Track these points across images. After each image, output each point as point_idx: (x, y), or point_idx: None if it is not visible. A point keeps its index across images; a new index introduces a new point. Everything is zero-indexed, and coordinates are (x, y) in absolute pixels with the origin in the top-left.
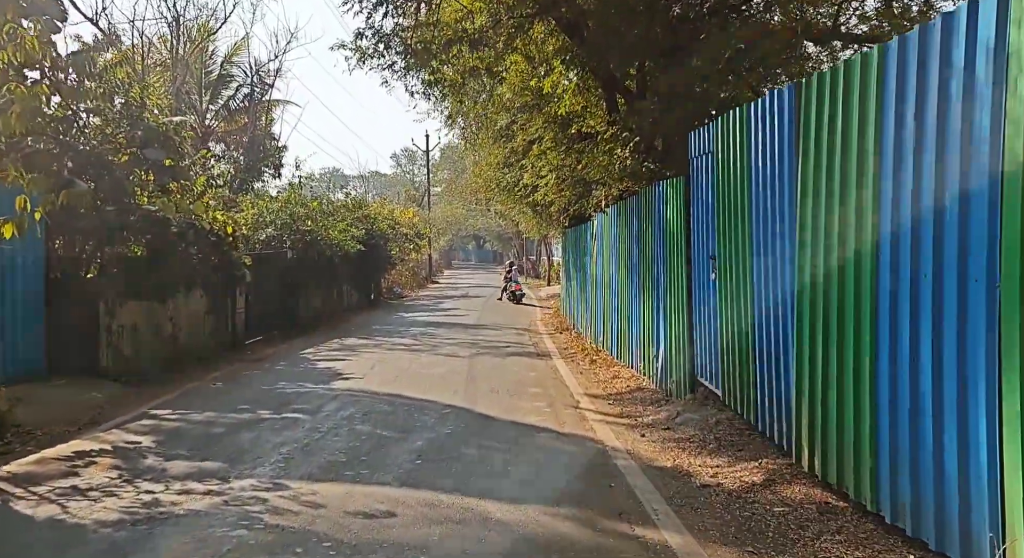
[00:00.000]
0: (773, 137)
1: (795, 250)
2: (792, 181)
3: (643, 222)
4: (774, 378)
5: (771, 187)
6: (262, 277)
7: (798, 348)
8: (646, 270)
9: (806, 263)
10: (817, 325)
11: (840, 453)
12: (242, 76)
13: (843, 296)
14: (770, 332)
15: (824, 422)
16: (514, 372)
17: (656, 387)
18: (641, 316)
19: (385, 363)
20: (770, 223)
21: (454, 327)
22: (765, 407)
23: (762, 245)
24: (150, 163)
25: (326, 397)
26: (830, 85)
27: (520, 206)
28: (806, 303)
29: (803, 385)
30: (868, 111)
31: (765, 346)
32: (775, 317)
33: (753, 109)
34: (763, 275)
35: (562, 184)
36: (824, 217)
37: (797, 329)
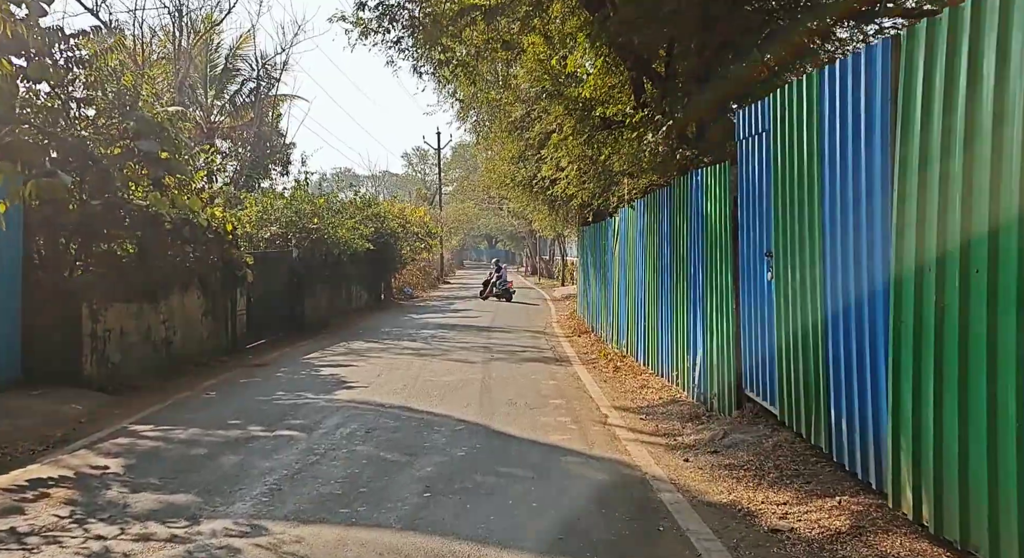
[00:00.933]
0: (856, 105)
1: (891, 236)
2: (886, 155)
3: (676, 216)
4: (856, 396)
5: (853, 165)
6: (265, 277)
7: (894, 360)
8: (679, 270)
9: (907, 250)
10: (925, 330)
11: (964, 504)
12: (248, 70)
13: (968, 290)
14: (850, 339)
15: (938, 459)
16: (532, 380)
17: (693, 400)
18: (673, 320)
19: (393, 370)
20: (851, 208)
21: (467, 330)
22: (842, 431)
23: (839, 235)
24: (144, 156)
25: (326, 410)
26: (949, 31)
27: (535, 203)
28: (907, 302)
29: (903, 407)
30: (1011, 50)
31: (843, 356)
32: (858, 321)
33: (826, 76)
34: (841, 271)
35: (584, 176)
36: (937, 193)
37: (894, 335)
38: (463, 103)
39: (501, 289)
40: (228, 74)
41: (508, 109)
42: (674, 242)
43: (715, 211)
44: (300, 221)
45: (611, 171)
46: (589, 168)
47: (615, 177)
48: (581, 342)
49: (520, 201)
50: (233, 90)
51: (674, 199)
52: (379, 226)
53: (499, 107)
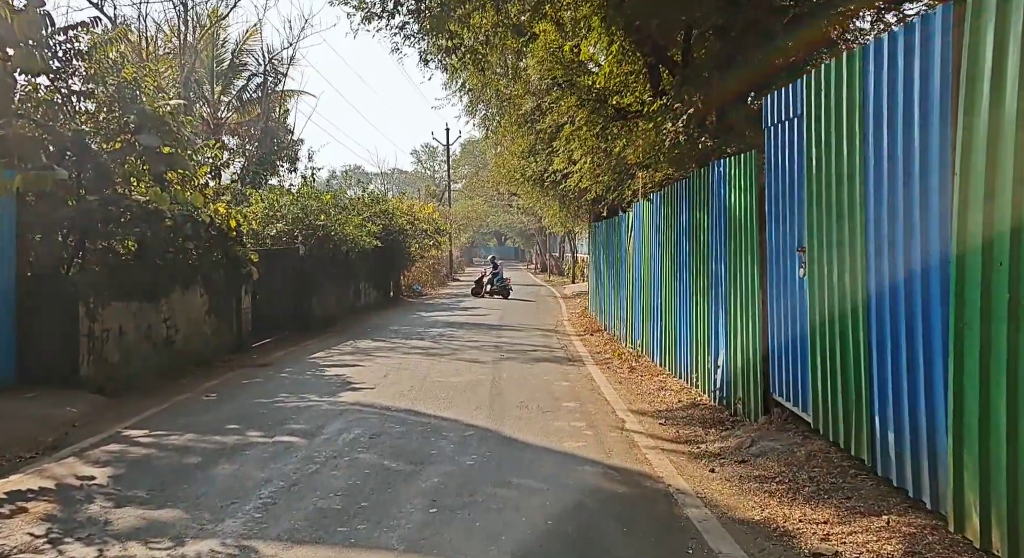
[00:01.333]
0: (909, 82)
1: (950, 225)
2: (945, 131)
3: (696, 210)
4: (906, 404)
5: (904, 146)
6: (271, 274)
7: (956, 365)
8: (699, 266)
9: (971, 240)
10: (996, 331)
11: None
12: (254, 65)
13: None
14: (899, 341)
15: (1012, 480)
16: (544, 381)
17: (715, 403)
18: (693, 319)
19: (400, 370)
20: (901, 193)
21: (476, 328)
22: (888, 442)
23: (886, 223)
24: (145, 150)
25: (330, 414)
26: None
27: (545, 198)
28: (972, 300)
29: (968, 419)
30: None
31: (890, 360)
32: (909, 320)
33: (871, 53)
34: (888, 263)
35: (598, 169)
36: (1012, 169)
37: (956, 338)
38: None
39: (499, 286)
40: (234, 69)
41: (518, 102)
42: (693, 237)
43: (740, 203)
44: (307, 218)
45: (626, 163)
46: (603, 161)
47: (630, 169)
48: (594, 341)
49: (530, 197)
50: (240, 85)
51: (694, 191)
52: (387, 223)
53: (509, 100)
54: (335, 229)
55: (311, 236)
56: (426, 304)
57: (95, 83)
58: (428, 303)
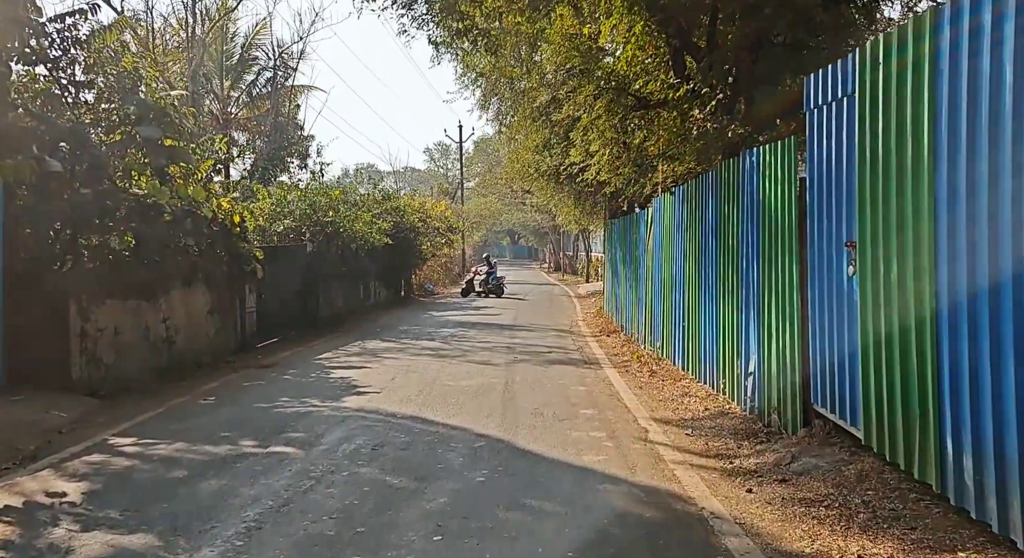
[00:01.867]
0: (997, 40)
1: None
2: None
3: (724, 204)
4: (990, 424)
5: (992, 135)
6: (278, 272)
7: None
8: (728, 264)
9: None
10: None
11: None
12: (264, 59)
13: None
14: (979, 348)
15: None
16: (560, 386)
17: (746, 412)
18: (720, 321)
19: (409, 372)
20: (984, 191)
21: (488, 328)
22: (964, 468)
23: (963, 212)
24: (145, 143)
25: (331, 421)
26: None
27: (560, 195)
28: None
29: None
30: None
31: (967, 371)
32: (995, 323)
33: (947, 15)
34: (965, 256)
35: (617, 161)
36: None
37: None
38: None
39: (494, 284)
40: (244, 64)
41: (532, 95)
42: (721, 233)
43: (776, 196)
44: (315, 214)
45: (646, 155)
46: (622, 153)
47: (651, 162)
48: (610, 342)
49: (544, 193)
50: (249, 80)
51: (722, 184)
52: (398, 220)
53: (523, 94)
54: (344, 226)
55: (319, 233)
56: (438, 303)
57: (95, 73)
58: (440, 302)
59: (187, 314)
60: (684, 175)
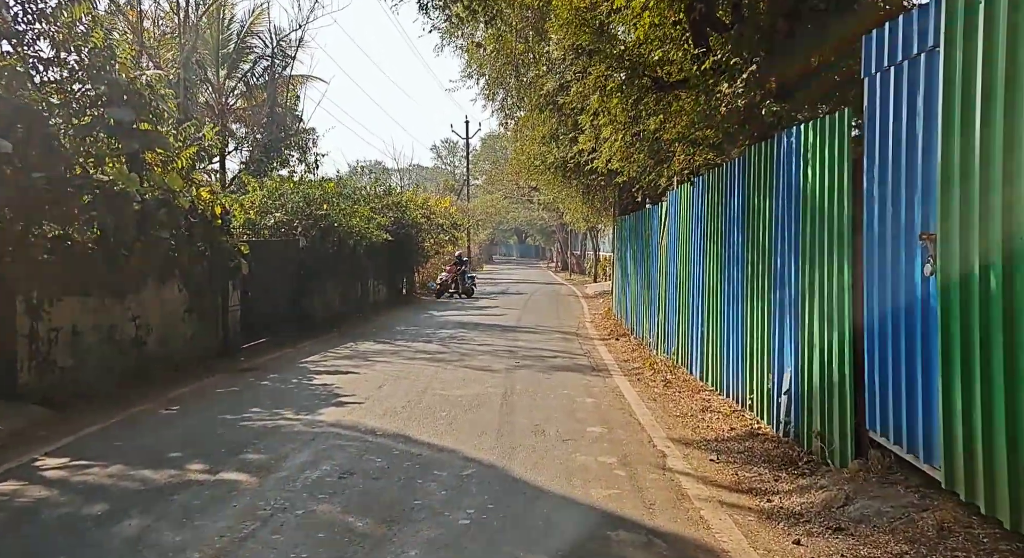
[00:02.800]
0: None
1: None
2: None
3: (754, 194)
4: None
5: None
6: (267, 269)
7: None
8: (758, 262)
9: None
10: None
11: None
12: (261, 47)
13: None
14: None
15: None
16: (565, 397)
17: (779, 434)
18: (747, 327)
19: (399, 379)
20: None
21: (490, 329)
22: None
23: None
24: (117, 126)
25: (300, 439)
26: None
27: (568, 189)
28: None
29: None
30: None
31: None
32: None
33: None
34: None
35: (631, 147)
36: None
37: None
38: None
39: (469, 284)
40: (240, 52)
41: (539, 83)
42: (750, 227)
43: (822, 181)
44: (308, 207)
45: (663, 142)
46: (636, 139)
47: (668, 149)
48: (620, 347)
49: (551, 188)
50: (246, 69)
51: (751, 171)
52: (400, 216)
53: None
54: (340, 221)
55: (312, 227)
56: (439, 302)
57: (65, 49)
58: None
59: (161, 313)
60: (702, 166)
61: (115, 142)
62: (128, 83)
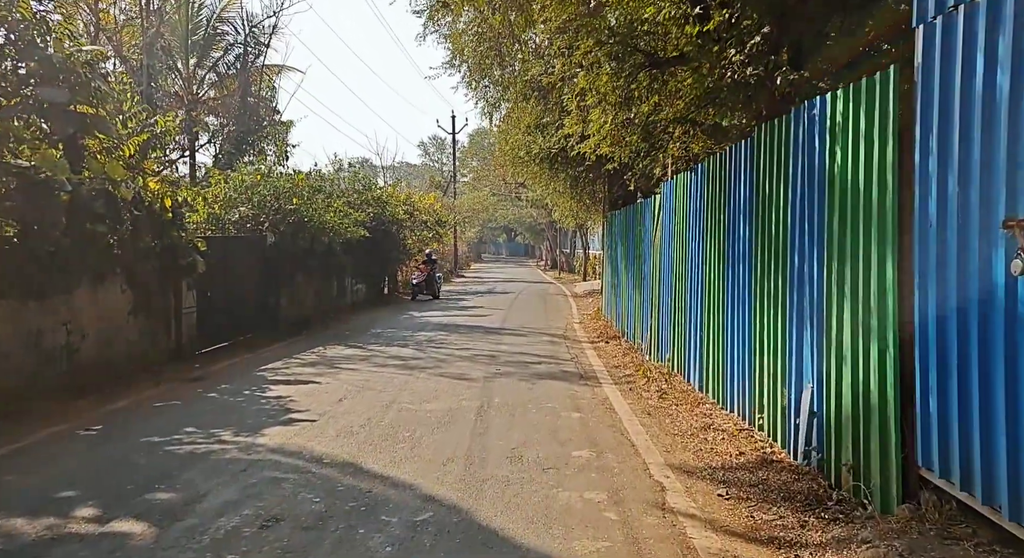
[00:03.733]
0: None
1: None
2: None
3: (765, 179)
4: None
5: None
6: (231, 266)
7: None
8: (770, 258)
9: None
10: None
11: None
12: (233, 34)
13: None
14: None
15: None
16: (548, 412)
17: (798, 461)
18: (755, 333)
19: (363, 391)
20: None
21: (472, 331)
22: None
23: None
24: (49, 108)
25: (229, 470)
26: None
27: (555, 183)
28: None
29: None
30: None
31: None
32: None
33: None
34: None
35: (622, 130)
36: None
37: None
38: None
39: (439, 285)
40: (211, 39)
41: (524, 68)
42: (760, 219)
43: (855, 160)
44: (276, 201)
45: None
46: (627, 123)
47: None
48: (610, 351)
49: (538, 181)
50: (216, 57)
51: (762, 154)
52: (380, 211)
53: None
54: (311, 215)
55: (281, 222)
56: (421, 302)
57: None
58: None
59: (99, 316)
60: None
61: (46, 125)
62: (64, 60)
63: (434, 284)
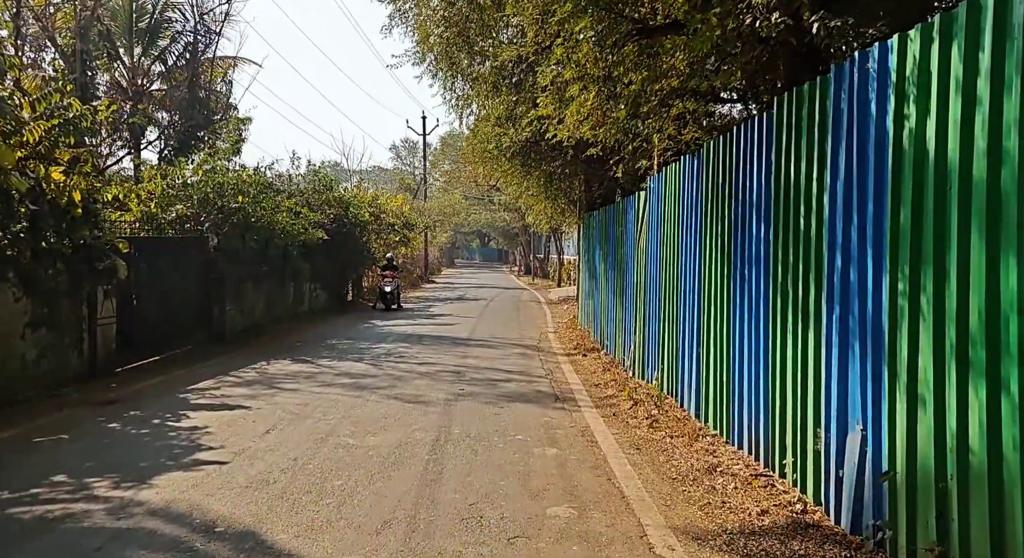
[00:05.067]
0: None
1: None
2: None
3: (788, 164)
4: None
5: None
6: (167, 271)
7: None
8: (797, 262)
9: None
10: None
11: None
12: (182, 21)
13: None
14: None
15: None
16: (518, 446)
17: (846, 528)
18: (775, 352)
19: (299, 419)
20: None
21: (437, 343)
22: None
23: None
24: None
25: (80, 550)
26: None
27: (528, 181)
28: None
29: None
30: None
31: None
32: None
33: None
34: None
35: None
36: None
37: None
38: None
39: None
40: (158, 26)
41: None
42: (783, 213)
43: (943, 126)
44: (219, 199)
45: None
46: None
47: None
48: (588, 365)
49: (509, 179)
50: (163, 46)
51: (786, 129)
52: (341, 213)
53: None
54: (259, 215)
55: (224, 222)
56: (388, 309)
57: None
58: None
59: None
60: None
61: None
62: None
63: (397, 293)
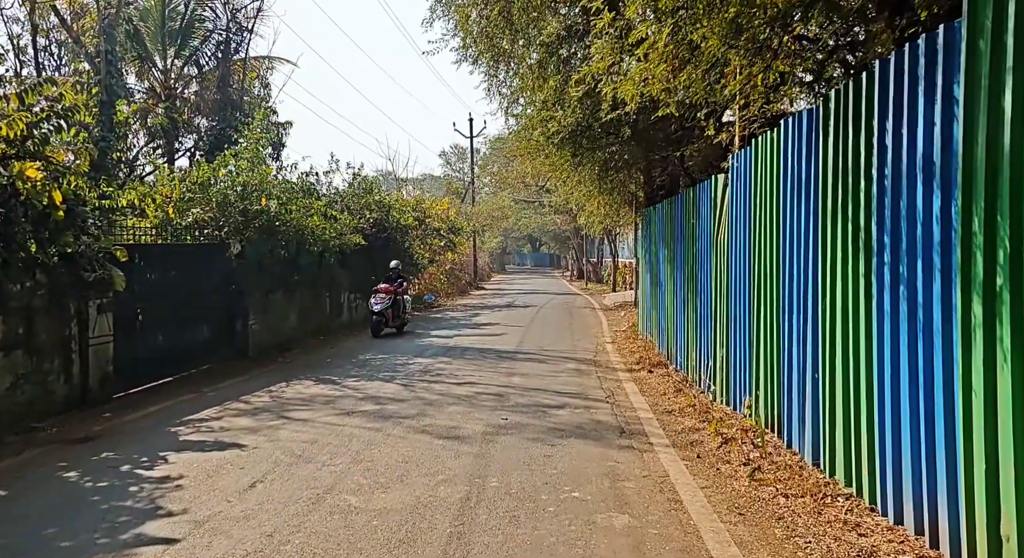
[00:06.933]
0: None
1: None
2: None
3: (985, 106)
4: None
5: None
6: (177, 281)
7: None
8: (1019, 254)
9: None
10: None
11: None
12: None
13: None
14: None
15: None
16: (574, 512)
17: None
18: (966, 383)
19: (296, 466)
20: None
21: (481, 357)
22: None
23: None
24: None
25: None
26: None
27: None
28: None
29: None
30: None
31: None
32: None
33: None
34: None
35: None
36: None
37: None
38: None
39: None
40: (189, 26)
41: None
42: (976, 179)
43: None
44: (240, 202)
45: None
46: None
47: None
48: (656, 385)
49: (559, 172)
50: (195, 46)
51: (984, 52)
52: (382, 217)
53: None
54: (287, 219)
55: (246, 227)
56: (431, 319)
57: None
58: (433, 317)
59: None
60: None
61: None
62: None
63: (401, 312)
